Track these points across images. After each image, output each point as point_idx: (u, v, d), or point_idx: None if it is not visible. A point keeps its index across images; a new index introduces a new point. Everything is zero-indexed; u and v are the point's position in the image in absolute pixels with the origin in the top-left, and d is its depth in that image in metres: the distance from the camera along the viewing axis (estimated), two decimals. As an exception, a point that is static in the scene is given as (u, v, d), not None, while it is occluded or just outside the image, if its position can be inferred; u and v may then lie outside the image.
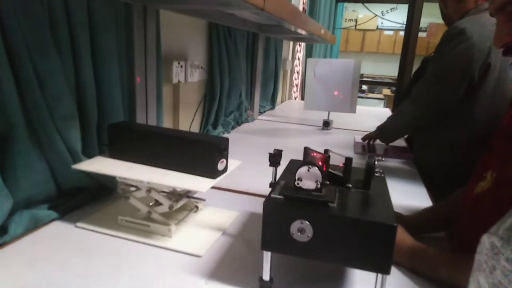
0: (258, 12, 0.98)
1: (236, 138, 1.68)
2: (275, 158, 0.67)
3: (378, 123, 1.60)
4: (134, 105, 1.04)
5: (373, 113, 2.67)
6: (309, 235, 0.54)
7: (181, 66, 1.33)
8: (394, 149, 1.64)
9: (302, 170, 0.57)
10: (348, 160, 0.66)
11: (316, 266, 0.70)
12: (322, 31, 2.09)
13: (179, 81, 1.33)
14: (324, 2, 3.49)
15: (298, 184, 0.58)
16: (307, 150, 0.68)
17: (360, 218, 0.54)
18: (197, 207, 0.89)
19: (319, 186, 0.57)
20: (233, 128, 1.83)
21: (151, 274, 0.65)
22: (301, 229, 0.55)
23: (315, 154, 0.66)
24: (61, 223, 0.81)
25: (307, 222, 0.54)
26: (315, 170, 0.57)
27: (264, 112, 2.42)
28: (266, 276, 0.60)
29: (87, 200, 0.89)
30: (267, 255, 0.59)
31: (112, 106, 0.95)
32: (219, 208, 0.92)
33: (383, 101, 5.53)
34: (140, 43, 1.03)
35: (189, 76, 1.39)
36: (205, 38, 1.56)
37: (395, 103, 2.97)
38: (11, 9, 0.67)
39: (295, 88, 3.41)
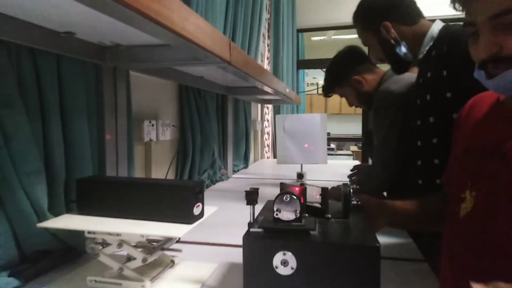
0: (225, 66, 1.04)
1: (211, 196, 1.65)
2: (252, 196, 0.66)
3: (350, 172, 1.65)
4: (104, 163, 1.02)
5: (344, 164, 2.73)
6: (293, 267, 0.52)
7: (152, 125, 1.34)
8: None
9: (280, 201, 0.57)
10: (324, 190, 0.66)
11: None
12: (287, 90, 2.21)
13: (150, 139, 1.33)
14: (286, 68, 3.74)
15: (277, 215, 0.57)
16: (283, 185, 0.68)
17: (343, 242, 0.53)
18: (173, 261, 0.84)
19: (298, 215, 0.56)
20: (207, 186, 1.80)
21: (124, 335, 0.59)
22: (284, 261, 0.53)
23: (291, 188, 0.66)
24: (22, 291, 0.73)
25: (290, 253, 0.52)
26: (293, 199, 0.57)
27: (238, 170, 2.42)
28: None
29: (53, 265, 0.82)
30: None
31: (81, 163, 0.93)
32: (196, 262, 0.87)
33: (351, 157, 5.71)
34: (110, 102, 1.04)
35: (160, 134, 1.40)
36: (176, 98, 1.61)
37: (365, 152, 3.08)
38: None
39: (267, 148, 3.48)
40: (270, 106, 3.51)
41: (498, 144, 0.57)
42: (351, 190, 0.65)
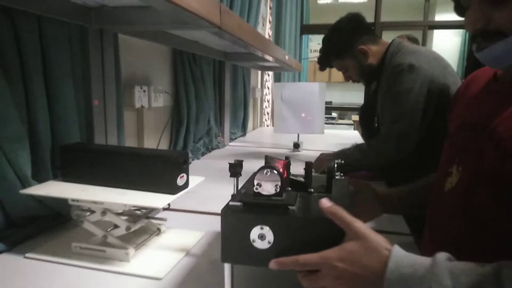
0: (216, 31, 1.00)
1: (206, 164, 1.65)
2: (235, 169, 0.64)
3: (347, 143, 1.61)
4: (92, 130, 1.00)
5: (342, 135, 2.71)
6: (270, 241, 0.52)
7: (144, 91, 1.31)
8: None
9: (261, 175, 0.55)
10: (308, 165, 0.64)
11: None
12: (286, 57, 2.15)
13: (142, 105, 1.31)
14: (288, 33, 3.62)
15: (257, 189, 0.55)
16: (267, 158, 0.66)
17: (320, 217, 0.52)
18: (159, 229, 0.84)
19: (278, 190, 0.55)
20: (203, 154, 1.80)
21: (104, 301, 0.60)
22: (261, 235, 0.52)
23: (276, 161, 0.65)
24: (9, 255, 0.74)
25: (267, 227, 0.52)
26: (273, 174, 0.55)
27: (235, 138, 2.41)
28: None
29: (39, 231, 0.83)
30: (228, 268, 0.55)
31: (68, 131, 0.91)
32: (183, 230, 0.87)
33: (352, 126, 5.67)
34: (97, 66, 1.01)
35: (153, 101, 1.37)
36: (170, 64, 1.56)
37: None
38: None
39: (266, 116, 3.45)
40: (270, 73, 3.44)
41: (489, 120, 0.55)
42: (335, 165, 0.63)
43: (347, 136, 2.65)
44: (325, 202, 0.50)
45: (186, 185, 0.76)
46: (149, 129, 1.41)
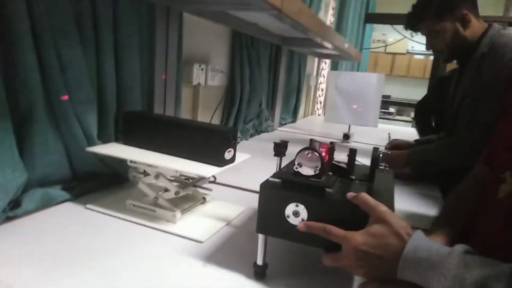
0: (276, 14, 1.01)
1: (253, 145, 1.69)
2: (279, 148, 0.67)
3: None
4: (152, 101, 1.08)
5: (396, 131, 2.61)
6: (304, 219, 0.54)
7: (202, 69, 1.37)
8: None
9: (301, 155, 0.57)
10: (352, 151, 0.65)
11: (315, 255, 0.68)
12: (346, 45, 2.10)
13: (199, 83, 1.37)
14: (351, 21, 3.51)
15: (296, 169, 0.57)
16: (311, 141, 0.67)
17: (353, 203, 0.52)
18: (204, 198, 0.89)
19: (317, 172, 0.56)
20: (251, 135, 1.84)
21: (152, 254, 0.66)
22: (296, 212, 0.54)
23: (320, 145, 0.66)
24: (73, 204, 0.83)
25: (302, 206, 0.54)
26: (314, 155, 0.56)
27: (285, 124, 2.42)
28: (260, 261, 0.60)
29: (99, 186, 0.92)
30: (261, 239, 0.59)
31: (131, 99, 0.99)
32: (226, 202, 0.92)
33: (410, 124, 5.40)
34: (161, 42, 1.07)
35: (209, 79, 1.42)
36: (228, 44, 1.60)
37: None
38: (40, -4, 0.72)
39: (319, 105, 3.41)
40: (328, 61, 3.37)
41: None
42: (380, 155, 0.62)
43: (402, 132, 2.55)
44: (350, 194, 0.52)
45: (232, 159, 0.80)
46: (203, 106, 1.47)
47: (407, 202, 1.10)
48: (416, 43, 6.04)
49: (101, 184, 0.92)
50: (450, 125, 1.32)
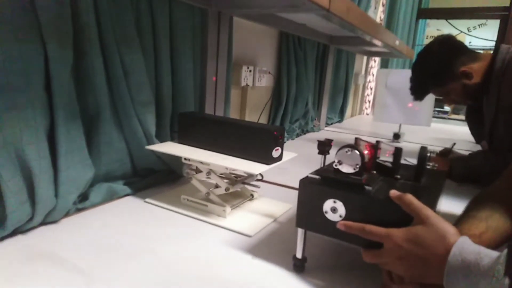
0: (324, 14, 1.02)
1: (299, 145, 1.70)
2: (323, 146, 0.68)
3: (455, 140, 1.48)
4: (204, 102, 1.13)
5: (451, 131, 2.48)
6: (342, 215, 0.55)
7: (250, 71, 1.41)
8: None
9: (341, 153, 0.58)
10: (398, 150, 0.64)
11: (353, 253, 0.69)
12: (397, 42, 2.04)
13: (247, 84, 1.41)
14: (403, 17, 3.38)
15: (336, 166, 0.58)
16: (357, 140, 0.68)
17: (391, 201, 0.52)
18: (252, 195, 0.93)
19: (357, 169, 0.57)
20: (298, 135, 1.85)
21: (205, 245, 0.70)
22: (334, 208, 0.55)
23: (366, 144, 0.66)
24: (133, 198, 0.91)
25: (340, 202, 0.55)
26: (354, 153, 0.57)
27: (332, 124, 2.40)
28: (299, 254, 0.62)
29: (157, 182, 0.99)
30: (301, 233, 0.60)
31: (185, 101, 1.05)
32: (274, 200, 0.95)
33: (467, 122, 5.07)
34: (213, 46, 1.12)
35: (257, 80, 1.46)
36: (275, 46, 1.63)
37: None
38: (105, 8, 0.80)
39: (367, 104, 3.32)
40: (377, 59, 3.28)
41: None
42: (429, 155, 0.61)
43: (456, 131, 2.42)
44: (394, 192, 0.52)
45: (280, 158, 0.82)
46: (251, 107, 1.51)
47: (459, 204, 1.05)
48: (474, 38, 5.66)
49: (158, 180, 0.99)
50: (487, 141, 1.30)
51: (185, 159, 0.85)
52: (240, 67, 1.36)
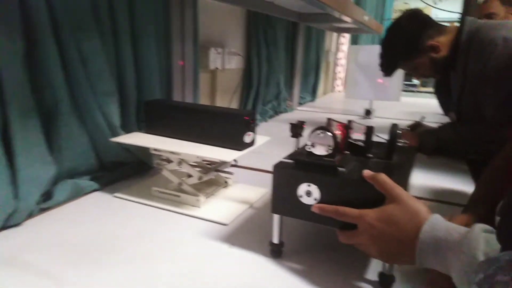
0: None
1: (273, 126, 1.68)
2: (296, 129, 0.66)
3: (424, 113, 1.52)
4: (171, 87, 1.09)
5: (420, 104, 2.53)
6: (316, 198, 0.54)
7: (219, 53, 1.36)
8: None
9: (314, 135, 0.57)
10: (369, 129, 0.63)
11: (329, 235, 0.69)
12: (366, 18, 2.03)
13: (216, 67, 1.37)
14: (370, -8, 3.38)
15: (309, 149, 0.57)
16: (329, 121, 0.66)
17: (365, 181, 0.52)
18: (226, 182, 0.91)
19: (330, 151, 0.56)
20: (271, 117, 1.83)
21: (179, 238, 0.68)
22: (308, 192, 0.54)
23: (338, 124, 0.65)
24: (101, 194, 0.87)
25: (314, 185, 0.54)
26: (327, 135, 0.56)
27: (305, 103, 2.39)
28: (275, 239, 0.61)
29: (126, 175, 0.95)
30: (277, 219, 0.60)
31: (150, 87, 1.00)
32: (249, 185, 0.93)
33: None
34: (177, 28, 1.07)
35: (226, 63, 1.42)
36: (244, 26, 1.58)
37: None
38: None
39: (338, 81, 3.34)
40: (347, 35, 3.28)
41: None
42: (400, 132, 0.61)
43: (425, 105, 2.48)
44: (367, 172, 0.51)
45: (252, 143, 0.80)
46: (222, 90, 1.48)
47: (431, 177, 1.08)
48: (440, 11, 5.76)
49: (127, 172, 0.95)
50: (455, 112, 1.34)
51: (154, 150, 0.81)
52: (208, 49, 1.32)
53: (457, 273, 0.40)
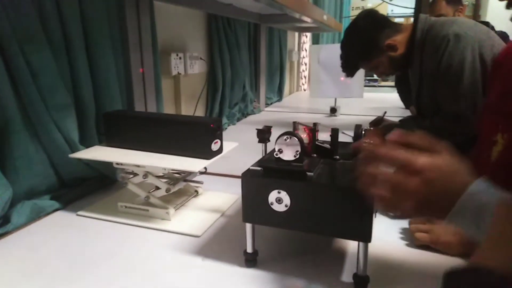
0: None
1: (241, 129, 1.67)
2: (263, 134, 0.66)
3: (386, 108, 1.56)
4: (132, 97, 1.05)
5: (382, 99, 2.61)
6: (287, 204, 0.54)
7: (180, 58, 1.33)
8: None
9: (281, 141, 0.56)
10: (334, 131, 0.64)
11: (303, 240, 0.69)
12: (325, 17, 2.06)
13: (178, 73, 1.34)
14: (328, -9, 3.44)
15: (277, 155, 0.56)
16: (295, 124, 0.66)
17: (334, 184, 0.52)
18: (196, 191, 0.89)
19: (297, 156, 0.55)
20: (238, 119, 1.82)
21: (150, 254, 0.65)
22: (279, 199, 0.54)
23: (303, 127, 0.65)
24: (63, 213, 0.82)
25: (284, 192, 0.53)
26: (293, 140, 0.55)
27: (271, 104, 2.40)
28: (249, 249, 0.60)
29: (88, 191, 0.91)
30: (249, 228, 0.59)
31: (110, 98, 0.96)
32: (219, 192, 0.91)
33: (395, 89, 5.41)
34: (134, 34, 1.03)
35: (189, 68, 1.39)
36: (204, 29, 1.56)
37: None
38: (-2, 1, 0.68)
39: (303, 80, 3.38)
40: (308, 34, 3.33)
41: None
42: (363, 132, 0.62)
43: (387, 99, 2.56)
44: (396, 133, 0.47)
45: (220, 150, 0.79)
46: (186, 96, 1.45)
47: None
48: (395, 7, 5.98)
49: (90, 188, 0.91)
50: (415, 106, 1.38)
51: (117, 163, 0.78)
52: (169, 54, 1.28)
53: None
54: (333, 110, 1.96)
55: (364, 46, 1.27)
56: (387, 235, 0.71)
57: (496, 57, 0.71)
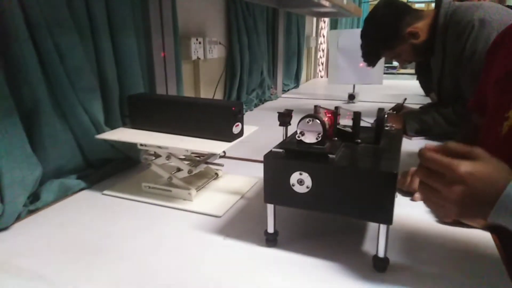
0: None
1: (258, 115, 1.68)
2: (284, 118, 0.66)
3: (406, 94, 1.53)
4: (154, 81, 1.06)
5: (401, 86, 2.57)
6: (308, 186, 0.54)
7: (200, 43, 1.34)
8: None
9: (303, 123, 0.57)
10: (357, 114, 0.64)
11: (322, 221, 0.71)
12: (345, 1, 2.03)
13: (198, 57, 1.35)
14: (348, -25, 3.37)
15: (299, 137, 0.57)
16: (316, 108, 0.67)
17: (356, 166, 0.53)
18: (217, 174, 0.90)
19: (319, 139, 0.56)
20: (256, 105, 1.83)
21: (173, 232, 0.68)
22: (300, 181, 0.55)
23: (324, 111, 0.65)
24: (89, 192, 0.85)
25: (306, 173, 0.54)
26: (315, 123, 0.56)
27: (288, 90, 2.39)
28: (270, 229, 0.61)
29: (113, 171, 0.94)
30: (270, 208, 0.60)
31: (133, 81, 0.98)
32: (239, 175, 0.93)
33: (415, 76, 5.30)
34: (156, 19, 1.04)
35: (208, 52, 1.40)
36: (223, 14, 1.56)
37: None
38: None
39: (321, 67, 3.35)
40: (326, 19, 3.28)
41: None
42: (386, 115, 0.62)
43: (406, 86, 2.52)
44: (430, 146, 0.49)
45: (241, 133, 0.80)
46: (205, 81, 1.46)
47: (416, 158, 1.10)
48: (416, -8, 5.79)
49: (115, 169, 0.94)
50: (436, 93, 1.37)
51: (141, 145, 0.80)
52: (189, 39, 1.29)
53: None
54: (352, 97, 1.94)
55: (386, 35, 1.26)
56: (410, 213, 0.72)
57: (495, 40, 0.76)
